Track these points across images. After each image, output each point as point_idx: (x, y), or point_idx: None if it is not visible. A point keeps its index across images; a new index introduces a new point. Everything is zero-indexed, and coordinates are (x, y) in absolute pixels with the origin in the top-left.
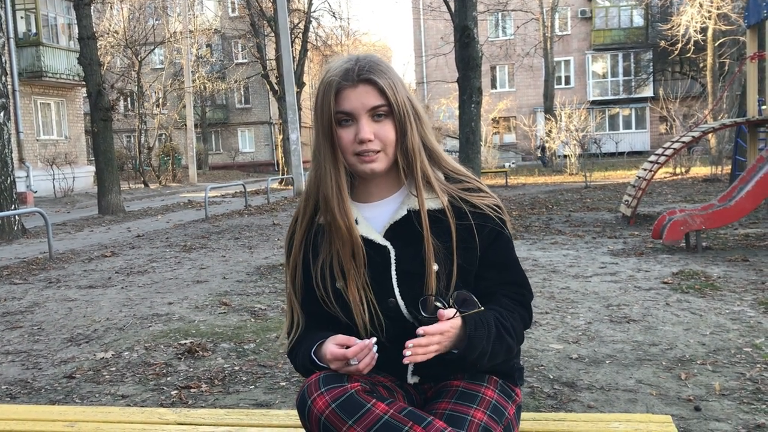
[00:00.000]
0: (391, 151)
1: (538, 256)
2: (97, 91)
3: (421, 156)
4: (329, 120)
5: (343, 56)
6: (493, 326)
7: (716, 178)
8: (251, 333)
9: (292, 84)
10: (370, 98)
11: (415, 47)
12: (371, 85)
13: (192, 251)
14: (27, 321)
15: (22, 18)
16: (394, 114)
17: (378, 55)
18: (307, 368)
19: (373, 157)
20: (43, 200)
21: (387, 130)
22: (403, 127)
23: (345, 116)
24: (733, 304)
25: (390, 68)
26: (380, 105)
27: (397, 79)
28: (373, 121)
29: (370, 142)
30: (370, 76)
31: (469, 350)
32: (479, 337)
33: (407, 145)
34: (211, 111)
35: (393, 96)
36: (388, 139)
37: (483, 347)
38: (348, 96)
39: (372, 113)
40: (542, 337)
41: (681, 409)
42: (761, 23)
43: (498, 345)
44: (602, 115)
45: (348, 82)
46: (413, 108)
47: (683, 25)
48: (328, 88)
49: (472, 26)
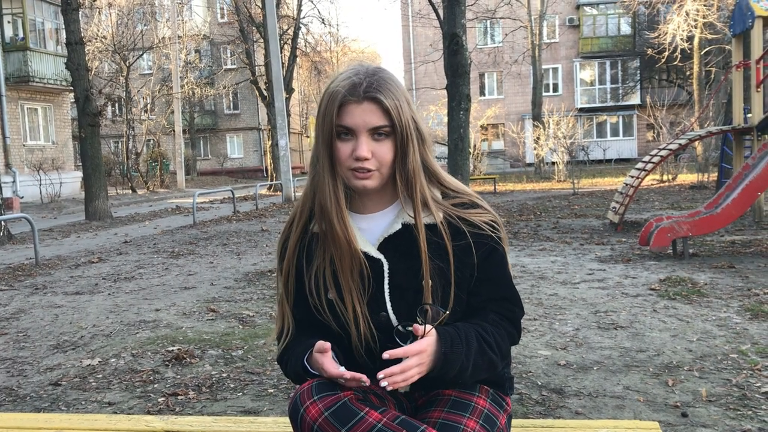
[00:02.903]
0: (387, 171)
1: (527, 262)
2: (84, 97)
3: (421, 177)
4: (330, 131)
5: (351, 66)
6: (474, 341)
7: (703, 186)
8: (239, 340)
9: (281, 90)
10: (374, 118)
11: (404, 54)
12: (376, 104)
13: (180, 257)
14: (12, 328)
15: (9, 23)
16: (396, 135)
17: (388, 71)
18: (298, 375)
19: (367, 175)
20: (30, 206)
21: (385, 151)
22: (404, 148)
23: (345, 130)
24: (719, 311)
25: (398, 86)
26: (383, 126)
27: (404, 99)
28: (373, 140)
29: (366, 161)
30: (376, 95)
31: (447, 367)
32: (456, 353)
33: (408, 166)
34: (199, 117)
35: (397, 117)
36: (385, 159)
37: (462, 363)
38: (351, 111)
39: (373, 132)
40: (530, 344)
41: (668, 415)
42: (746, 32)
43: (480, 359)
44: (590, 123)
45: (353, 97)
46: (416, 128)
47: (670, 34)
48: (332, 99)
49: (461, 34)
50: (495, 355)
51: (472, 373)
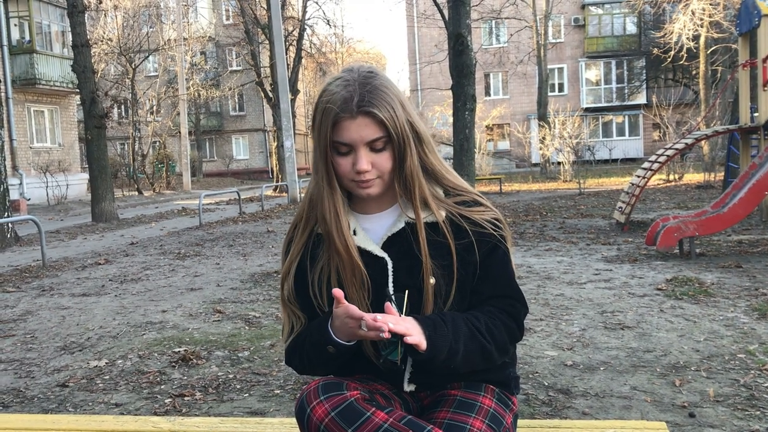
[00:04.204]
0: (388, 177)
1: (533, 262)
2: (90, 99)
3: (420, 180)
4: (326, 147)
5: (342, 71)
6: (463, 325)
7: (709, 185)
8: (245, 341)
9: (286, 91)
10: (369, 131)
11: (409, 55)
12: (370, 117)
13: (186, 259)
14: (20, 329)
15: (15, 25)
16: (393, 143)
17: (378, 71)
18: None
19: (370, 184)
20: (37, 208)
21: (384, 160)
22: (402, 154)
23: (343, 146)
24: (726, 311)
25: (391, 91)
26: (379, 138)
27: (398, 104)
28: (371, 151)
29: (367, 173)
30: (369, 108)
31: (434, 351)
32: (441, 336)
33: (405, 171)
34: (205, 118)
35: (393, 126)
36: (386, 167)
37: (451, 346)
38: (347, 127)
39: (370, 144)
40: (537, 344)
41: (675, 415)
42: (753, 31)
43: (471, 344)
44: (596, 122)
45: (346, 113)
46: (414, 131)
47: (676, 33)
48: (326, 115)
49: (466, 34)
50: (487, 342)
51: (465, 358)
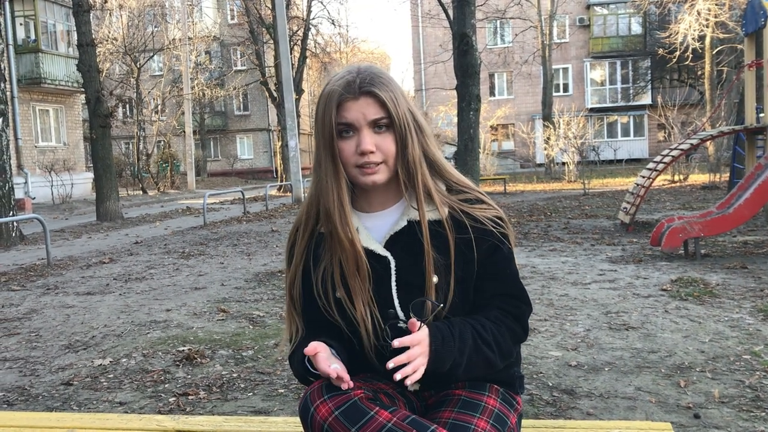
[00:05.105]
0: (392, 162)
1: (537, 263)
2: (95, 98)
3: (422, 168)
4: (330, 131)
5: (343, 68)
6: (469, 338)
7: (715, 186)
8: (249, 340)
9: (290, 91)
10: (371, 110)
11: (414, 55)
12: (372, 97)
13: (190, 258)
14: (25, 328)
15: (21, 25)
16: (394, 126)
17: (379, 66)
18: (301, 374)
19: (375, 169)
20: (41, 207)
21: (388, 142)
22: (403, 140)
23: (346, 127)
24: (731, 312)
25: (391, 80)
26: (381, 117)
27: (399, 92)
28: (375, 133)
29: (371, 154)
30: (371, 88)
31: (438, 364)
32: (447, 350)
33: (408, 158)
34: (209, 118)
35: (394, 108)
36: (390, 150)
37: (455, 359)
38: (349, 107)
39: (373, 125)
40: (541, 345)
41: (680, 416)
42: (759, 31)
43: (475, 356)
44: (600, 123)
45: (349, 94)
46: (414, 120)
47: (681, 33)
48: (330, 99)
49: (471, 34)
50: (492, 353)
51: (467, 370)
